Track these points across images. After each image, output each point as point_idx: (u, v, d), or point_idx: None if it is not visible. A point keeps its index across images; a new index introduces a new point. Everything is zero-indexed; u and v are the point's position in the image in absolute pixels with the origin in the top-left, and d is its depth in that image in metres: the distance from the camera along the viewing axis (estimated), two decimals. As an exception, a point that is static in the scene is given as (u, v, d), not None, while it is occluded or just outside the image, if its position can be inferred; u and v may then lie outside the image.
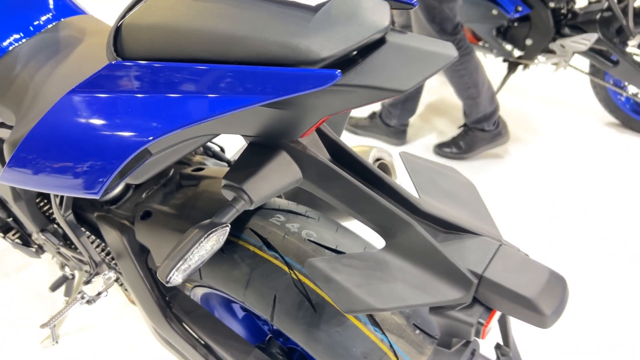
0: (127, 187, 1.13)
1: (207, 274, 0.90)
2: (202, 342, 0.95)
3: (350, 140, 2.33)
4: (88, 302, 1.12)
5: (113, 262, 1.06)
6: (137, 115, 0.49)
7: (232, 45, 0.47)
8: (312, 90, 0.43)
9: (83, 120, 0.51)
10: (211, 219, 0.56)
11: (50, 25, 0.93)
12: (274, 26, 0.47)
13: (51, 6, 0.95)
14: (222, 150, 1.14)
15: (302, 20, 0.47)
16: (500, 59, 2.49)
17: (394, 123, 2.25)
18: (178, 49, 0.50)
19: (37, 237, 1.13)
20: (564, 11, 2.30)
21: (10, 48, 0.89)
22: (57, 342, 1.45)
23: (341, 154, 0.62)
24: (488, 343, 0.72)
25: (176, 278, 0.53)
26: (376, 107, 2.35)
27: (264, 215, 0.88)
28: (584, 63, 2.37)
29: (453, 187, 0.66)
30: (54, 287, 1.23)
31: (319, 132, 0.62)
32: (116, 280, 1.08)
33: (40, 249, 1.28)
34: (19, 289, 1.60)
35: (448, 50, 0.51)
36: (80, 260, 1.07)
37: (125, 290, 1.13)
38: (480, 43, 2.50)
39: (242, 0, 0.48)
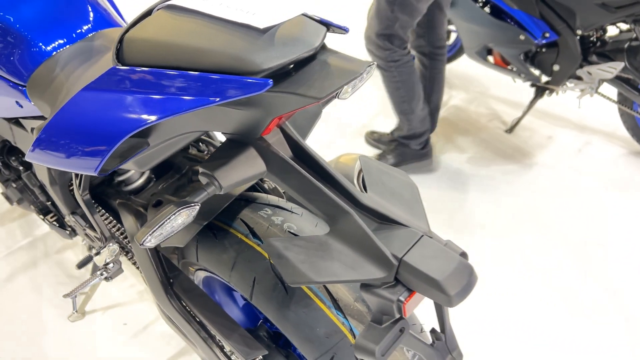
0: (149, 180, 1.28)
1: (202, 256, 1.02)
2: (197, 319, 1.07)
3: (374, 153, 2.42)
4: (106, 278, 1.27)
5: (129, 244, 1.20)
6: (126, 110, 0.62)
7: (200, 57, 0.60)
8: (253, 94, 0.55)
9: (87, 112, 0.65)
10: (185, 199, 0.68)
11: (90, 34, 1.10)
12: (230, 43, 0.59)
13: (91, 18, 1.11)
14: None
15: (252, 39, 0.59)
16: (528, 83, 2.53)
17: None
18: (163, 58, 0.63)
19: (69, 219, 1.29)
20: (592, 39, 2.32)
21: (54, 53, 1.05)
22: (83, 315, 1.62)
23: (301, 153, 0.73)
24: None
25: (149, 242, 0.65)
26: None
27: (254, 208, 1.00)
28: (614, 91, 2.38)
29: (397, 187, 0.76)
30: (80, 265, 1.39)
31: (284, 133, 0.73)
32: (131, 260, 1.22)
33: (73, 232, 1.45)
34: (56, 268, 1.78)
35: (358, 67, 0.62)
36: (100, 240, 1.22)
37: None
38: (509, 67, 2.55)
39: (210, 21, 0.61)
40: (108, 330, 1.59)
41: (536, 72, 2.46)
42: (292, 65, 0.61)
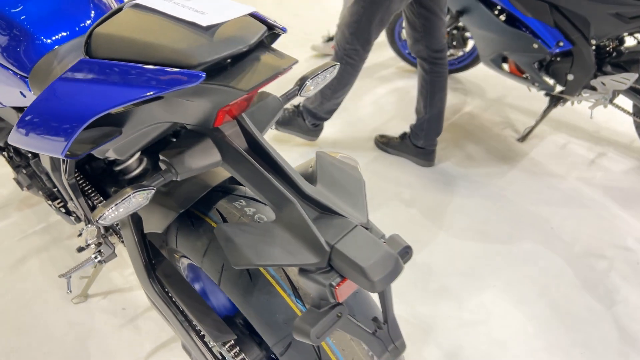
0: (145, 170, 1.35)
1: (180, 243, 1.08)
2: (175, 302, 1.12)
3: (382, 157, 2.44)
4: (100, 261, 1.34)
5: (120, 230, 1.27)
6: (88, 98, 0.68)
7: (153, 51, 0.65)
8: (189, 86, 0.60)
9: (57, 99, 0.71)
10: (142, 183, 0.74)
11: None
12: (177, 39, 0.64)
13: (92, 14, 1.18)
14: None
15: (195, 36, 0.64)
16: (543, 92, 2.51)
17: (421, 144, 2.35)
18: (123, 52, 0.68)
19: (71, 204, 1.38)
20: (608, 49, 2.29)
21: (56, 47, 1.12)
22: (86, 298, 1.70)
23: (255, 145, 0.77)
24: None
25: (105, 220, 0.71)
26: (407, 128, 2.45)
27: (230, 199, 1.05)
28: (630, 103, 2.34)
29: (344, 180, 0.79)
30: (80, 250, 1.47)
31: (241, 126, 0.78)
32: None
33: (77, 218, 1.53)
34: (65, 252, 1.88)
35: (285, 63, 0.66)
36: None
37: None
38: (524, 75, 2.53)
39: (166, 19, 0.67)
40: (107, 314, 1.67)
41: (550, 81, 2.44)
42: (229, 60, 0.66)
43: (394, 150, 2.46)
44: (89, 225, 1.16)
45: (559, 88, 2.44)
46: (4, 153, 1.59)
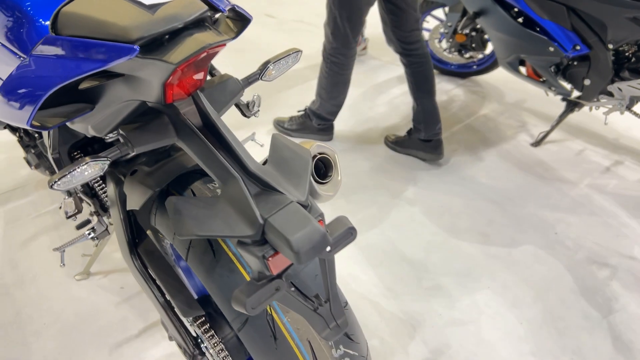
0: (138, 155, 1.41)
1: (157, 221, 1.12)
2: (153, 278, 1.17)
3: (392, 156, 2.45)
4: (92, 238, 1.41)
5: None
6: (50, 71, 0.73)
7: (104, 28, 0.70)
8: (125, 58, 0.64)
9: (26, 73, 0.76)
10: (98, 154, 0.78)
11: None
12: (123, 16, 0.69)
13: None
14: None
15: (138, 13, 0.68)
16: (560, 97, 2.46)
17: (424, 136, 2.36)
18: (82, 29, 0.73)
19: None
20: (627, 54, 2.23)
21: None
22: (88, 275, 1.78)
23: (207, 123, 0.81)
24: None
25: (57, 186, 0.75)
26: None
27: (205, 181, 1.09)
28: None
29: (292, 161, 0.82)
30: (79, 227, 1.54)
31: (197, 105, 0.81)
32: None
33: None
34: (73, 232, 1.97)
35: (214, 39, 0.69)
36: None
37: None
38: (542, 79, 2.49)
39: None
40: (106, 291, 1.74)
41: (567, 85, 2.39)
42: (166, 37, 0.70)
43: (402, 149, 2.47)
44: (67, 197, 1.23)
45: (576, 93, 2.39)
46: (15, 134, 1.68)
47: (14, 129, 1.68)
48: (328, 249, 0.79)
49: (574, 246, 1.93)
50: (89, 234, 1.40)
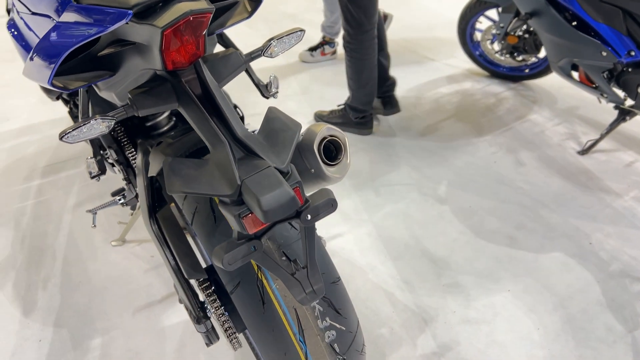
0: (171, 128, 1.50)
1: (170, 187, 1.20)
2: (167, 242, 1.25)
3: (427, 154, 2.44)
4: (122, 204, 1.52)
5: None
6: (67, 35, 0.81)
7: None
8: (121, 22, 0.71)
9: (50, 37, 0.85)
10: (107, 113, 0.86)
11: None
12: None
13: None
14: (242, 118, 1.45)
15: None
16: (612, 105, 2.36)
17: (379, 93, 2.62)
18: None
19: (109, 153, 1.56)
20: (687, 63, 2.11)
21: None
22: (123, 242, 1.90)
23: (206, 92, 0.87)
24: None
25: (68, 139, 0.83)
26: (461, 129, 2.43)
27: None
28: None
29: (281, 132, 0.87)
30: (114, 194, 1.66)
31: (198, 75, 0.87)
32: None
33: (120, 170, 1.73)
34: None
35: (200, 6, 0.74)
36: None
37: None
38: (594, 85, 2.40)
39: None
40: (137, 258, 1.86)
41: (621, 93, 2.29)
42: (160, 4, 0.76)
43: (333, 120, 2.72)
44: (89, 158, 1.33)
45: (629, 101, 2.29)
46: (67, 106, 1.83)
47: (66, 101, 1.83)
48: (308, 217, 0.84)
49: (609, 258, 1.85)
50: (119, 199, 1.50)
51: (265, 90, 1.27)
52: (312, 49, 3.45)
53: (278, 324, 0.98)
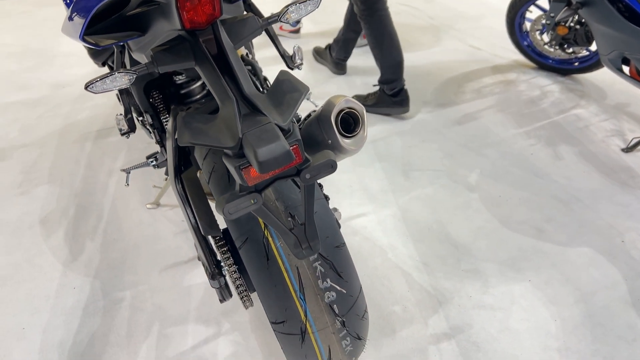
0: (204, 96, 1.57)
1: (196, 152, 1.27)
2: (189, 201, 1.32)
3: (459, 143, 2.41)
4: (154, 166, 1.60)
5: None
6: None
7: None
8: None
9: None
10: (130, 68, 0.92)
11: None
12: None
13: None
14: (266, 79, 1.50)
15: None
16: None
17: (334, 55, 2.99)
18: None
19: (145, 117, 1.65)
20: None
21: None
22: (157, 206, 2.00)
23: (221, 52, 0.91)
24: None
25: (93, 89, 0.90)
26: (500, 120, 2.39)
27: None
28: None
29: (288, 93, 0.90)
30: (148, 157, 1.75)
31: (215, 36, 0.92)
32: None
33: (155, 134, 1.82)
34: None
35: None
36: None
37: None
38: (648, 81, 2.30)
39: None
40: (169, 221, 1.95)
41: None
42: None
43: (318, 57, 3.18)
44: (119, 114, 1.41)
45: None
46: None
47: (111, 67, 1.94)
48: (308, 176, 0.87)
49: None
50: (152, 161, 1.59)
51: (290, 61, 1.31)
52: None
53: (280, 280, 1.03)
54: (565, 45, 2.78)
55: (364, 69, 3.16)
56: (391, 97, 2.57)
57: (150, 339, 1.55)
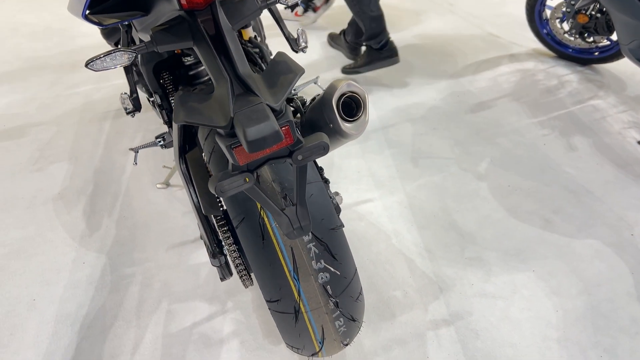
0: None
1: (199, 133, 1.29)
2: (192, 180, 1.35)
3: (474, 132, 2.39)
4: (161, 146, 1.63)
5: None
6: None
7: None
8: None
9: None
10: (130, 47, 0.94)
11: None
12: None
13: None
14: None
15: None
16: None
17: (349, 40, 2.90)
18: None
19: (155, 98, 1.68)
20: None
21: None
22: (167, 186, 2.04)
23: (218, 32, 0.92)
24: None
25: (94, 66, 0.92)
26: (515, 109, 2.36)
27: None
28: None
29: (283, 74, 0.91)
30: (157, 137, 1.77)
31: (213, 16, 0.93)
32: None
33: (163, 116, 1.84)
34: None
35: None
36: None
37: None
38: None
39: None
40: (178, 201, 1.99)
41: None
42: None
43: (333, 42, 3.15)
44: (125, 93, 1.44)
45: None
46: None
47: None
48: (300, 157, 0.88)
49: (649, 252, 1.76)
50: (159, 141, 1.62)
51: (294, 44, 1.32)
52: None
53: (275, 259, 1.05)
54: (586, 34, 2.72)
55: (379, 55, 3.14)
56: (379, 51, 2.68)
57: (156, 315, 1.59)
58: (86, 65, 0.91)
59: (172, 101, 1.63)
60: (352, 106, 1.17)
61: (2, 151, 2.41)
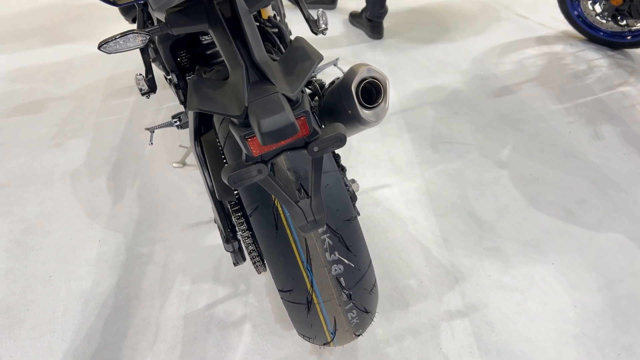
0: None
1: (215, 117, 1.26)
2: (207, 164, 1.33)
3: (495, 119, 2.33)
4: (177, 126, 1.61)
5: None
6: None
7: None
8: None
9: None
10: (143, 29, 0.91)
11: None
12: None
13: None
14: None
15: None
16: None
17: (368, 15, 3.00)
18: None
19: (172, 76, 1.65)
20: None
21: None
22: (183, 165, 2.03)
23: (236, 17, 0.89)
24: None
25: (104, 49, 0.89)
26: (541, 92, 2.29)
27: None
28: None
29: (301, 62, 0.87)
30: (173, 116, 1.76)
31: (231, 3, 0.89)
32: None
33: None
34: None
35: None
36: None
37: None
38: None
39: None
40: (193, 181, 1.98)
41: None
42: None
43: (354, 21, 3.19)
44: (140, 74, 1.41)
45: None
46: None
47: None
48: (315, 149, 0.85)
49: (674, 247, 1.71)
50: (175, 121, 1.60)
51: (314, 25, 1.27)
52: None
53: (288, 250, 1.03)
54: (619, 17, 2.60)
55: (402, 33, 3.07)
56: (369, 21, 3.00)
57: (169, 295, 1.59)
58: (99, 48, 0.89)
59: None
60: (372, 92, 1.13)
61: (20, 125, 2.42)
